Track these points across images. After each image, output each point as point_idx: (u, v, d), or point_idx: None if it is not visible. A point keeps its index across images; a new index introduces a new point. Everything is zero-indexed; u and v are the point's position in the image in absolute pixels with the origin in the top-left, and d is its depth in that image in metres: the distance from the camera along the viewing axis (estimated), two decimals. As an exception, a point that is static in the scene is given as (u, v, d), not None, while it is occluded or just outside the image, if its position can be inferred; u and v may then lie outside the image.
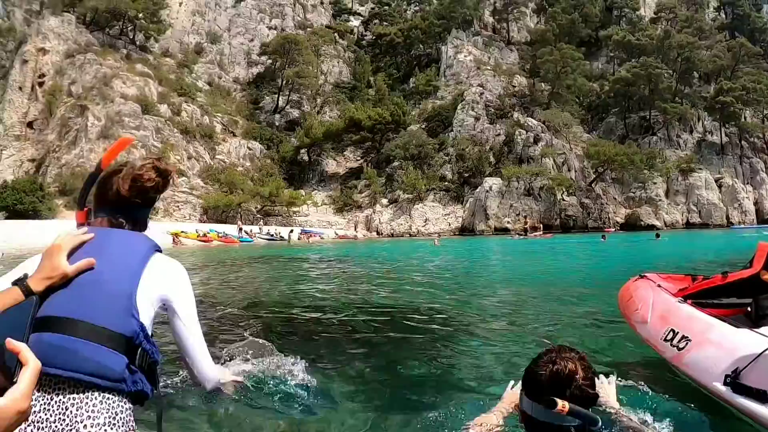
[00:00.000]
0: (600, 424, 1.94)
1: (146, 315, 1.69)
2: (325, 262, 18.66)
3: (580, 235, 49.26)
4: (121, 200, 1.85)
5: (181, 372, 3.26)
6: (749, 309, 3.58)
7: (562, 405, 1.83)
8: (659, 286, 4.11)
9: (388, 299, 8.96)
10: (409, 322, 6.35)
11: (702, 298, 3.85)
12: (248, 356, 3.69)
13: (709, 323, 3.24)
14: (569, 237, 45.52)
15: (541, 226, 51.54)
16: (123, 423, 1.57)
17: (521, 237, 43.17)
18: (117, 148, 2.15)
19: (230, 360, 3.63)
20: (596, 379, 2.02)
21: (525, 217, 52.76)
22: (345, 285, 11.69)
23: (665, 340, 3.42)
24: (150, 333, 1.71)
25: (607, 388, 2.47)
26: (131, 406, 1.64)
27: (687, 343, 3.20)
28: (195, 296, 1.92)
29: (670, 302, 3.75)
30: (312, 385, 3.44)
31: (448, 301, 8.65)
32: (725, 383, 2.77)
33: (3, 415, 0.96)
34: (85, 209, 1.93)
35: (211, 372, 1.99)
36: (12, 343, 1.05)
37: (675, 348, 3.28)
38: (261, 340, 4.23)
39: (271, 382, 3.33)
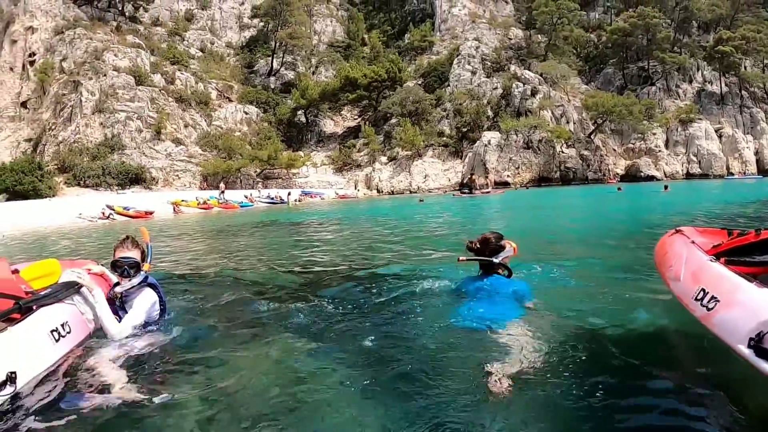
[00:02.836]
0: (499, 260, 4.41)
1: None
2: (315, 226, 17.90)
3: (581, 186, 49.19)
4: None
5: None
6: None
7: (467, 252, 4.62)
8: (693, 242, 4.03)
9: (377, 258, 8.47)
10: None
11: (735, 255, 3.70)
12: None
13: (737, 283, 3.13)
14: (572, 188, 45.56)
15: (490, 182, 49.54)
16: None
17: (466, 195, 37.99)
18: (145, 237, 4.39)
19: None
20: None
21: (471, 174, 49.69)
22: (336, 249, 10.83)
23: (696, 299, 3.34)
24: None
25: None
26: None
27: (716, 304, 3.11)
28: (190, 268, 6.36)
29: (702, 260, 3.66)
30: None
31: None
32: (749, 346, 2.66)
33: None
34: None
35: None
36: None
37: (705, 308, 3.20)
38: None
39: None
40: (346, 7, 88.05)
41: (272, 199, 42.73)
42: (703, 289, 3.31)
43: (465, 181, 49.00)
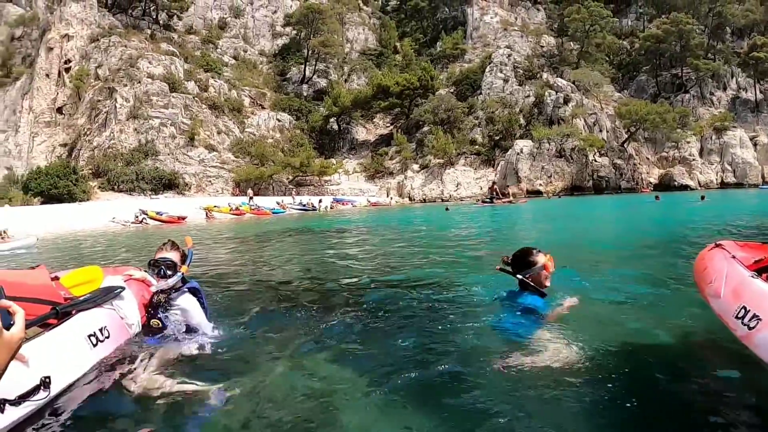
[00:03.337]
0: (524, 276, 4.33)
1: None
2: (346, 232, 17.72)
3: (615, 196, 48.56)
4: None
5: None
6: None
7: (502, 265, 4.58)
8: (733, 257, 3.81)
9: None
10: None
11: None
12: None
13: None
14: (606, 198, 44.79)
15: (521, 190, 49.17)
16: None
17: (487, 204, 36.30)
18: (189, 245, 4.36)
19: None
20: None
21: (493, 183, 45.59)
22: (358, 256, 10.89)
23: (737, 317, 3.18)
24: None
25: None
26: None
27: (758, 322, 2.96)
28: (224, 273, 7.15)
29: (743, 276, 3.46)
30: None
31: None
32: None
33: (12, 340, 1.58)
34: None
35: None
36: (3, 303, 1.64)
37: (746, 327, 3.04)
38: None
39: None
40: (378, 15, 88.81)
41: (304, 206, 42.84)
42: (744, 307, 3.16)
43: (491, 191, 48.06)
